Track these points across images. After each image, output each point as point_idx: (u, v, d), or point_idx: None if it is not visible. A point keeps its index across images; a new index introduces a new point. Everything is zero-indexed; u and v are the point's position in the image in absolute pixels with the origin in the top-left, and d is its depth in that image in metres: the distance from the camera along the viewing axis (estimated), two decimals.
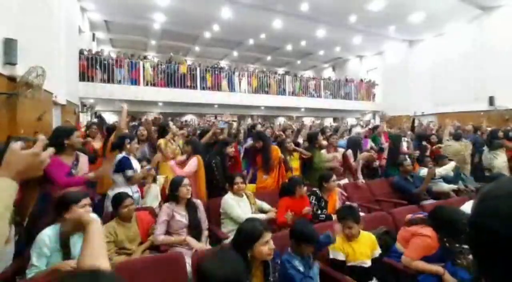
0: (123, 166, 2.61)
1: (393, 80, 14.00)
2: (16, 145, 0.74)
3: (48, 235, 1.64)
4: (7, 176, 0.69)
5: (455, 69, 11.41)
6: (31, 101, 4.32)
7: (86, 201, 1.74)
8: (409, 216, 2.10)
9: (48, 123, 5.40)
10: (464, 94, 10.98)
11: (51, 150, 0.78)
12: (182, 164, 2.98)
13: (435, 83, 12.26)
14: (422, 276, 1.76)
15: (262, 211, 2.63)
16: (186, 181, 2.25)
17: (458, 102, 11.12)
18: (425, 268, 1.79)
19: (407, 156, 4.10)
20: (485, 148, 4.73)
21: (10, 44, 3.94)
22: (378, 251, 1.93)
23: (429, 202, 3.16)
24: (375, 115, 14.79)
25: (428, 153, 4.91)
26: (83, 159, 2.46)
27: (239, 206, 2.47)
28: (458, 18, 10.66)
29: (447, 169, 3.64)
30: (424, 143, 5.22)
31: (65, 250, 1.66)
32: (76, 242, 1.72)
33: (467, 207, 2.45)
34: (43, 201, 2.10)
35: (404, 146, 4.93)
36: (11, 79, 4.00)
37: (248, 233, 1.45)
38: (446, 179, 3.73)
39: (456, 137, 4.85)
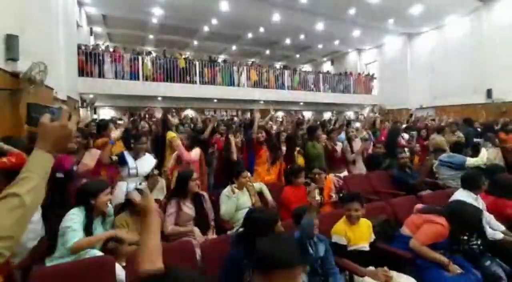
0: (120, 161, 2.76)
1: (392, 74, 14.02)
2: (45, 118, 0.77)
3: (75, 213, 1.82)
4: (44, 149, 0.74)
5: (454, 62, 11.44)
6: (34, 97, 4.35)
7: (109, 189, 1.96)
8: (418, 206, 2.19)
9: None
10: (462, 87, 11.04)
11: (74, 119, 0.83)
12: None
13: (434, 76, 12.31)
14: (420, 260, 1.85)
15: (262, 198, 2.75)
16: (195, 175, 2.33)
17: (456, 95, 11.20)
18: (430, 255, 1.87)
19: (405, 149, 4.21)
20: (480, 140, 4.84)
21: (11, 41, 3.94)
22: (372, 236, 2.05)
23: (426, 193, 3.25)
24: (374, 109, 14.86)
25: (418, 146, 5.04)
26: (91, 154, 2.55)
27: (237, 199, 2.54)
28: (457, 11, 10.66)
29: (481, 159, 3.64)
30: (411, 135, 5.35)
31: (89, 232, 1.82)
32: (95, 228, 1.89)
33: (456, 197, 2.55)
34: (55, 194, 2.18)
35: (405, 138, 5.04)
36: (14, 75, 4.02)
37: (264, 222, 1.56)
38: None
39: (438, 131, 5.11)
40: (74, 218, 1.78)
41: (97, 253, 1.76)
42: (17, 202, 0.66)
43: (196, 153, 3.00)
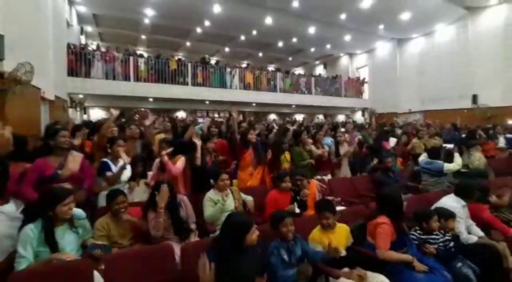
0: (102, 170, 2.72)
1: (383, 78, 14.30)
2: None
3: (31, 229, 1.71)
4: None
5: (442, 68, 11.76)
6: (20, 98, 4.30)
7: (70, 199, 1.82)
8: None
9: (36, 119, 5.36)
10: (449, 92, 11.35)
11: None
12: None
13: (422, 82, 12.60)
14: (389, 266, 1.92)
15: (244, 204, 2.77)
16: (163, 188, 2.21)
17: (444, 100, 11.49)
18: (396, 258, 1.95)
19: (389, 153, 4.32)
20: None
21: None
22: (351, 240, 2.11)
23: (407, 197, 3.34)
24: (365, 112, 15.10)
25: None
26: (74, 157, 2.42)
27: (223, 200, 2.55)
28: (443, 19, 10.97)
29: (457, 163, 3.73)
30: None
31: (52, 243, 1.72)
32: (63, 236, 1.80)
33: (444, 201, 2.64)
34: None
35: (391, 143, 5.17)
36: None
37: (239, 225, 1.61)
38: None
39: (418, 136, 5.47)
40: (25, 237, 1.67)
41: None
42: None
43: (182, 163, 2.99)
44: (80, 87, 8.81)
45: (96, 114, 11.72)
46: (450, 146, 4.66)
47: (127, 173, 2.81)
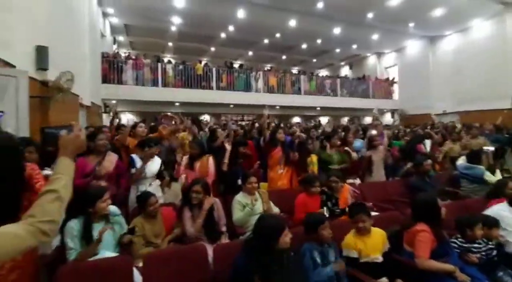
0: (129, 166, 2.94)
1: (413, 78, 13.62)
2: (63, 133, 1.03)
3: (75, 223, 1.88)
4: (66, 156, 0.97)
5: (478, 66, 10.98)
6: (62, 104, 4.63)
7: (107, 195, 1.98)
8: None
9: None
10: (487, 92, 10.55)
11: (83, 130, 1.06)
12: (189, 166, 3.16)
13: (458, 81, 11.83)
14: (429, 276, 1.80)
15: None
16: (196, 187, 2.30)
17: (481, 100, 10.70)
18: (438, 267, 1.83)
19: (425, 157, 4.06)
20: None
21: (42, 51, 4.23)
22: (387, 245, 2.01)
23: (445, 203, 3.13)
24: (394, 114, 14.48)
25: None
26: (110, 157, 2.69)
27: (252, 204, 2.53)
28: (480, 14, 10.27)
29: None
30: None
31: (88, 238, 1.88)
32: (97, 229, 1.93)
33: (497, 209, 2.41)
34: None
35: (426, 146, 4.88)
36: (43, 83, 4.31)
37: (272, 227, 1.59)
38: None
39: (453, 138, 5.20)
40: (69, 231, 1.83)
41: (110, 254, 1.84)
42: (55, 195, 0.88)
43: (212, 166, 3.08)
44: (112, 93, 9.35)
45: (126, 118, 12.30)
46: (491, 148, 4.31)
47: (153, 168, 2.92)
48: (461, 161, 3.70)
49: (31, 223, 0.82)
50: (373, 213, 2.71)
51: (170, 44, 14.01)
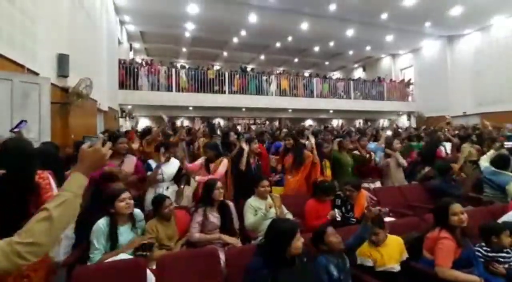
0: (146, 169, 2.99)
1: (430, 79, 13.22)
2: (84, 145, 0.96)
3: (102, 223, 1.93)
4: (79, 171, 0.91)
5: (500, 66, 10.50)
6: (81, 109, 4.81)
7: (126, 195, 2.01)
8: None
9: (94, 128, 5.93)
10: (509, 93, 10.08)
11: (108, 145, 0.98)
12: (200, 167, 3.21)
13: (477, 81, 11.38)
14: None
15: None
16: (219, 184, 2.39)
17: (504, 101, 10.23)
18: (462, 278, 1.73)
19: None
20: None
21: (63, 59, 4.43)
22: (405, 255, 1.92)
23: (467, 209, 2.99)
24: (411, 116, 14.08)
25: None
26: (129, 159, 2.81)
27: (266, 210, 2.50)
28: (502, 10, 9.82)
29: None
30: None
31: (113, 238, 1.93)
32: (124, 234, 1.99)
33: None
34: (93, 197, 2.39)
35: (447, 149, 4.71)
36: (64, 89, 4.49)
37: (284, 231, 1.56)
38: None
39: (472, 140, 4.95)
40: (98, 230, 1.89)
41: (127, 256, 1.87)
42: (44, 214, 0.80)
43: (224, 166, 3.10)
44: (129, 98, 9.64)
45: (142, 122, 12.63)
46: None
47: (170, 170, 2.97)
48: (486, 164, 3.46)
49: (9, 242, 0.74)
50: (389, 219, 2.63)
51: (184, 49, 14.30)
